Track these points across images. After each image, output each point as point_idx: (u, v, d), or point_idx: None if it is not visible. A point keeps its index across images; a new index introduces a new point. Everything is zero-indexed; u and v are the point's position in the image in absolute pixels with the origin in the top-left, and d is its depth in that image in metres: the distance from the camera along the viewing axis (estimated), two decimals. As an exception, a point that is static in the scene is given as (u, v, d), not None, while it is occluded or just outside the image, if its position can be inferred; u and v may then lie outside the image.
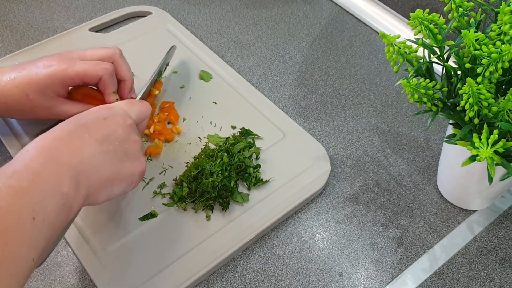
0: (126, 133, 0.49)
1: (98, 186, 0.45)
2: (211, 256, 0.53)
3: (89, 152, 0.45)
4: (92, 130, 0.46)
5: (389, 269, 0.54)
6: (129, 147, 0.49)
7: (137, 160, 0.50)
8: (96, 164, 0.45)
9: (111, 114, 0.50)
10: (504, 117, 0.45)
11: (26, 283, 0.38)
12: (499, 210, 0.59)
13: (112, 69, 0.58)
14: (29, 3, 0.84)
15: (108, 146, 0.47)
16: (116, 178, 0.47)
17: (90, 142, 0.45)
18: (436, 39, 0.48)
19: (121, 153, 0.48)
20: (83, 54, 0.58)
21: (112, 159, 0.46)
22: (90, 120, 0.48)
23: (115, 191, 0.48)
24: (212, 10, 0.85)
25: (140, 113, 0.54)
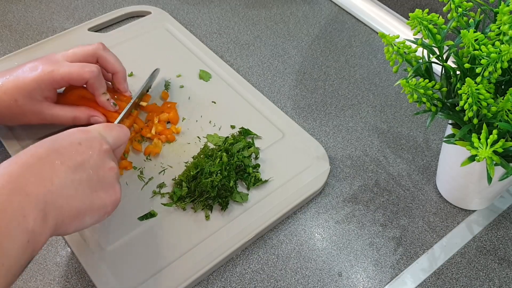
0: (101, 160, 0.46)
1: (67, 218, 0.42)
2: (210, 255, 0.53)
3: (59, 181, 0.42)
4: (65, 157, 0.44)
5: (388, 269, 0.54)
6: (104, 174, 0.46)
7: (112, 189, 0.47)
8: (66, 194, 0.42)
9: (87, 138, 0.47)
10: (503, 117, 0.45)
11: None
12: (498, 210, 0.60)
13: (98, 71, 0.57)
14: (28, 3, 0.84)
15: (82, 174, 0.44)
16: (88, 209, 0.44)
17: (62, 170, 0.43)
18: (435, 39, 0.48)
19: (94, 181, 0.45)
20: (66, 55, 0.58)
21: (84, 189, 0.44)
22: (63, 145, 0.45)
23: (86, 223, 0.45)
24: (212, 10, 0.85)
25: (117, 137, 0.52)
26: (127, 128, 0.55)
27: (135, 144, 0.62)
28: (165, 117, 0.65)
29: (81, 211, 0.44)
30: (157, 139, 0.63)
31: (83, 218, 0.44)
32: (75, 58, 0.58)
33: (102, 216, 0.47)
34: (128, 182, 0.59)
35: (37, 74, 0.55)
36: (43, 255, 0.54)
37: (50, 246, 0.55)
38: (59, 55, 0.58)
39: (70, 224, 0.43)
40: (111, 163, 0.48)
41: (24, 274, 0.53)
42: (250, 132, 0.64)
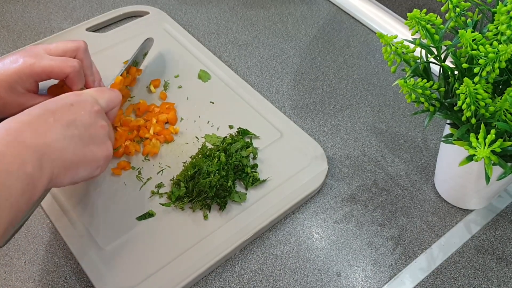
0: (92, 119, 0.50)
1: (62, 168, 0.46)
2: (208, 255, 0.53)
3: (53, 135, 0.46)
4: (58, 115, 0.47)
5: (387, 269, 0.55)
6: (95, 132, 0.50)
7: (103, 145, 0.50)
8: (60, 147, 0.46)
9: (79, 100, 0.50)
10: (501, 117, 0.45)
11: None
12: (496, 209, 0.60)
13: (79, 67, 0.58)
14: (26, 3, 0.84)
15: (74, 130, 0.47)
16: (80, 162, 0.47)
17: (55, 126, 0.46)
18: (433, 39, 0.48)
19: (86, 137, 0.48)
20: (48, 48, 0.58)
21: (77, 143, 0.47)
22: (57, 106, 0.48)
23: (81, 175, 0.48)
24: (210, 10, 0.85)
25: (109, 100, 0.54)
26: (118, 91, 0.57)
27: (133, 144, 0.62)
28: (164, 118, 0.65)
29: (74, 162, 0.47)
30: (155, 139, 0.63)
31: (77, 169, 0.47)
32: (56, 52, 0.58)
33: (95, 169, 0.50)
34: (126, 182, 0.59)
35: (18, 66, 0.56)
36: (41, 255, 0.54)
37: (48, 246, 0.55)
38: (41, 48, 0.58)
39: (65, 175, 0.46)
40: (102, 121, 0.51)
41: (22, 275, 0.53)
42: (248, 132, 0.64)
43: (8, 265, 0.53)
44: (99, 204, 0.57)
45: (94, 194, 0.58)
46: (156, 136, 0.63)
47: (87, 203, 0.57)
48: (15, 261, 0.54)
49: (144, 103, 0.66)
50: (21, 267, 0.53)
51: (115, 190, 0.59)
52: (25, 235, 0.56)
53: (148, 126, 0.64)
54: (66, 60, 0.57)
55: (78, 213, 0.56)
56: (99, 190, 0.59)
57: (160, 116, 0.65)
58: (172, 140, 0.64)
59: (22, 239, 0.56)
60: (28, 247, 0.55)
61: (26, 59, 0.56)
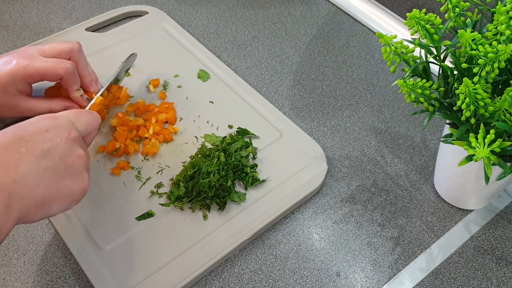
0: (68, 147, 0.45)
1: (33, 206, 0.42)
2: (208, 255, 0.53)
3: (24, 169, 0.41)
4: (30, 144, 0.42)
5: (386, 269, 0.55)
6: (72, 162, 0.45)
7: (79, 177, 0.46)
8: (31, 183, 0.41)
9: (54, 125, 0.46)
10: (501, 117, 0.45)
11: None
12: (496, 209, 0.60)
13: (72, 68, 0.57)
14: (26, 3, 0.84)
15: (48, 162, 0.43)
16: (54, 197, 0.43)
17: (27, 158, 0.42)
18: (432, 39, 0.48)
19: (61, 169, 0.44)
20: (41, 49, 0.57)
21: (50, 177, 0.43)
22: (29, 132, 0.44)
23: (53, 211, 0.44)
24: (209, 10, 0.85)
25: (87, 124, 0.51)
26: (97, 114, 0.54)
27: (133, 144, 0.62)
28: (163, 117, 0.65)
29: (46, 199, 0.43)
30: (154, 139, 0.63)
31: (49, 206, 0.43)
32: (50, 54, 0.58)
33: (70, 204, 0.46)
34: (125, 182, 0.59)
35: (11, 68, 0.55)
36: (41, 256, 0.54)
37: (48, 247, 0.55)
38: (34, 49, 0.57)
39: (36, 213, 0.42)
40: (80, 150, 0.47)
41: (21, 276, 0.53)
42: (247, 132, 0.64)
43: (7, 265, 0.53)
44: (98, 204, 0.57)
45: (93, 194, 0.58)
46: (156, 136, 0.63)
47: (86, 203, 0.57)
48: (15, 262, 0.54)
49: (143, 102, 0.66)
50: (20, 267, 0.53)
51: (114, 190, 0.59)
52: (25, 235, 0.56)
53: (148, 126, 0.64)
54: (60, 61, 0.56)
55: (77, 213, 0.56)
56: (99, 190, 0.58)
57: (159, 116, 0.65)
58: (171, 140, 0.64)
59: (22, 239, 0.55)
60: (27, 247, 0.55)
61: (19, 60, 0.55)
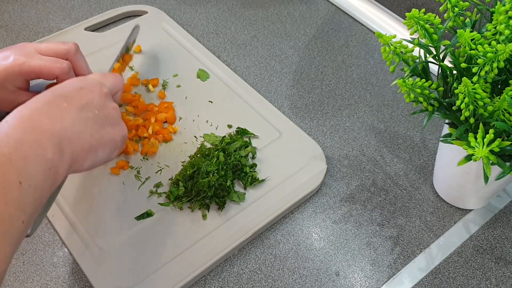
0: (103, 101, 0.50)
1: (81, 152, 0.45)
2: (207, 255, 0.53)
3: (69, 119, 0.45)
4: (70, 99, 0.47)
5: (385, 268, 0.55)
6: (109, 113, 0.49)
7: (118, 126, 0.50)
8: (77, 130, 0.45)
9: (87, 84, 0.50)
10: (500, 117, 0.45)
11: (17, 249, 0.39)
12: (495, 209, 0.60)
13: (68, 68, 0.57)
14: (25, 3, 0.84)
15: (88, 113, 0.47)
16: (99, 144, 0.47)
17: (70, 110, 0.46)
18: (432, 38, 0.48)
19: (101, 119, 0.48)
20: (38, 48, 0.58)
21: (93, 125, 0.47)
22: (67, 90, 0.48)
23: (100, 157, 0.48)
24: (208, 10, 0.85)
25: (113, 84, 0.54)
26: (121, 76, 0.57)
27: (132, 143, 0.62)
28: (162, 117, 0.65)
29: (92, 145, 0.46)
30: (153, 138, 0.63)
31: (96, 152, 0.47)
32: (46, 53, 0.58)
33: (113, 151, 0.50)
34: (125, 182, 0.59)
35: (8, 64, 0.55)
36: (40, 256, 0.54)
37: (47, 246, 0.55)
38: (32, 47, 0.58)
39: (85, 158, 0.46)
40: (113, 103, 0.51)
41: (21, 275, 0.53)
42: (247, 132, 0.64)
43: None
44: (98, 203, 0.57)
45: (92, 194, 0.58)
46: (155, 136, 0.63)
47: (86, 203, 0.57)
48: (14, 262, 0.54)
49: (143, 102, 0.66)
50: (19, 267, 0.53)
51: (114, 190, 0.59)
52: (24, 235, 0.56)
53: (147, 125, 0.64)
54: (56, 61, 0.57)
55: (76, 213, 0.56)
56: (98, 189, 0.58)
57: (158, 116, 0.65)
58: (170, 139, 0.64)
59: (21, 239, 0.55)
60: (26, 247, 0.55)
61: (16, 57, 0.55)
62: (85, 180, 0.59)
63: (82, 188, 0.59)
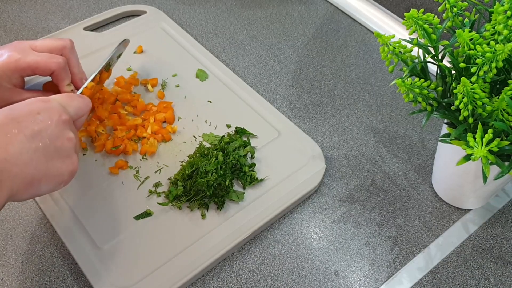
0: (59, 130, 0.47)
1: (22, 185, 0.43)
2: (206, 254, 0.53)
3: (15, 149, 0.42)
4: (22, 125, 0.44)
5: (384, 268, 0.55)
6: (61, 144, 0.47)
7: (69, 159, 0.47)
8: (21, 162, 0.42)
9: (46, 108, 0.47)
10: (499, 116, 0.45)
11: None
12: (494, 209, 0.60)
13: (64, 63, 0.57)
14: (23, 3, 0.84)
15: (38, 143, 0.44)
16: (43, 177, 0.45)
17: (18, 138, 0.43)
18: (430, 38, 0.48)
19: (51, 150, 0.45)
20: (33, 44, 0.58)
21: (40, 157, 0.44)
22: (22, 114, 0.45)
23: (42, 190, 0.45)
24: (207, 10, 0.85)
25: (78, 108, 0.52)
26: (88, 98, 0.55)
27: (131, 143, 0.62)
28: (161, 117, 0.65)
29: (36, 178, 0.44)
30: (153, 138, 0.63)
31: (38, 185, 0.45)
32: (42, 50, 0.58)
33: (59, 185, 0.47)
34: (124, 182, 0.59)
35: (3, 61, 0.55)
36: (39, 256, 0.54)
37: (46, 247, 0.55)
38: (26, 44, 0.58)
39: (25, 191, 0.44)
40: (70, 133, 0.48)
41: (19, 275, 0.53)
42: (246, 131, 0.64)
43: (5, 266, 0.53)
44: (97, 203, 0.57)
45: (91, 194, 0.58)
46: (154, 135, 0.63)
47: (85, 202, 0.57)
48: (13, 262, 0.54)
49: (142, 102, 0.66)
50: (18, 268, 0.53)
51: (113, 189, 0.59)
52: (23, 235, 0.56)
53: (146, 125, 0.64)
54: (52, 56, 0.57)
55: (75, 213, 0.56)
56: (97, 189, 0.58)
57: (157, 115, 0.65)
58: (169, 139, 0.64)
59: (20, 239, 0.55)
60: (25, 247, 0.55)
61: (11, 53, 0.56)
62: (84, 180, 0.59)
63: (81, 188, 0.59)
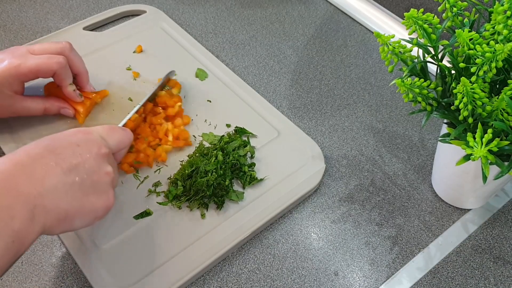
0: (97, 164, 0.46)
1: (55, 220, 0.42)
2: (206, 254, 0.53)
3: (51, 183, 0.41)
4: (60, 158, 0.43)
5: (384, 268, 0.55)
6: (98, 179, 0.45)
7: (105, 195, 0.46)
8: (56, 197, 0.41)
9: (86, 140, 0.46)
10: (498, 116, 0.45)
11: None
12: (493, 209, 0.60)
13: (65, 62, 0.57)
14: (23, 3, 0.84)
15: (75, 177, 0.43)
16: (77, 213, 0.43)
17: (55, 172, 0.42)
18: (430, 38, 0.48)
19: (87, 185, 0.44)
20: (31, 49, 0.57)
21: (76, 192, 0.43)
22: (61, 145, 0.44)
23: (76, 225, 0.44)
24: (207, 10, 0.85)
25: (119, 141, 0.51)
26: (130, 131, 0.54)
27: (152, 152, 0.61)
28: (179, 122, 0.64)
29: (70, 214, 0.43)
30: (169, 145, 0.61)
31: (72, 221, 0.43)
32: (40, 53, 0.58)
33: (92, 220, 0.46)
34: (123, 181, 0.59)
35: (4, 68, 0.55)
36: (39, 256, 0.54)
37: (45, 247, 0.55)
38: (24, 49, 0.57)
39: (58, 227, 0.43)
40: (108, 167, 0.47)
41: (19, 276, 0.52)
42: (245, 131, 0.64)
43: (4, 265, 0.53)
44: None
45: (91, 194, 0.58)
46: (177, 142, 0.62)
47: (84, 202, 0.57)
48: (12, 261, 0.54)
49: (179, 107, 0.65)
50: (18, 268, 0.53)
51: (112, 190, 0.59)
52: (22, 234, 0.56)
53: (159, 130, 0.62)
54: (51, 57, 0.56)
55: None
56: (96, 189, 0.58)
57: (176, 121, 0.63)
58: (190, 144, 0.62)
59: (19, 238, 0.55)
60: (25, 246, 0.55)
61: (11, 60, 0.55)
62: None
63: (80, 187, 0.58)
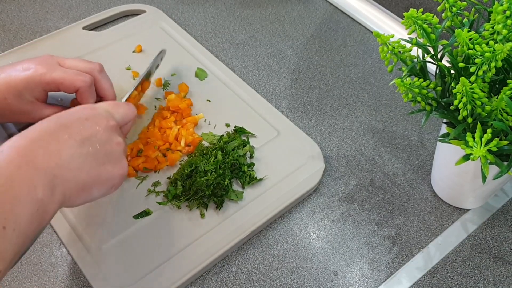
0: (108, 135, 0.47)
1: (75, 190, 0.43)
2: (205, 253, 0.53)
3: (67, 154, 0.43)
4: (72, 131, 0.45)
5: (383, 268, 0.55)
6: (111, 149, 0.47)
7: (119, 163, 0.48)
8: (74, 167, 0.43)
9: (94, 114, 0.48)
10: (498, 116, 0.45)
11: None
12: (493, 208, 0.60)
13: (90, 82, 0.57)
14: (22, 2, 0.84)
15: (88, 147, 0.45)
16: (95, 182, 0.45)
17: (70, 144, 0.44)
18: (429, 38, 0.48)
19: (102, 155, 0.46)
20: (62, 61, 0.58)
21: (91, 161, 0.45)
22: (71, 120, 0.46)
23: (94, 195, 0.46)
24: (207, 10, 0.85)
25: (124, 115, 0.52)
26: (133, 106, 0.55)
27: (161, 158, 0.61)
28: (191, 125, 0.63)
29: (87, 183, 0.44)
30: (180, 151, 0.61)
31: (90, 190, 0.45)
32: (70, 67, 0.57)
33: (110, 189, 0.48)
34: (123, 182, 0.59)
35: (29, 74, 0.55)
36: (38, 256, 0.54)
37: (44, 247, 0.55)
38: (55, 59, 0.57)
39: (78, 196, 0.44)
40: (118, 138, 0.49)
41: (19, 276, 0.52)
42: (245, 131, 0.64)
43: (4, 265, 0.53)
44: (96, 202, 0.57)
45: (90, 193, 0.58)
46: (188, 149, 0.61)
47: (84, 202, 0.57)
48: (11, 261, 0.54)
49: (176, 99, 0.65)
50: (17, 268, 0.53)
51: (112, 189, 0.58)
52: (21, 234, 0.56)
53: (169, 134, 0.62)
54: (78, 73, 0.56)
55: (74, 212, 0.56)
56: (96, 189, 0.58)
57: (188, 125, 0.63)
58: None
59: (18, 238, 0.55)
60: (24, 246, 0.55)
61: (38, 67, 0.55)
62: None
63: (80, 187, 0.58)
